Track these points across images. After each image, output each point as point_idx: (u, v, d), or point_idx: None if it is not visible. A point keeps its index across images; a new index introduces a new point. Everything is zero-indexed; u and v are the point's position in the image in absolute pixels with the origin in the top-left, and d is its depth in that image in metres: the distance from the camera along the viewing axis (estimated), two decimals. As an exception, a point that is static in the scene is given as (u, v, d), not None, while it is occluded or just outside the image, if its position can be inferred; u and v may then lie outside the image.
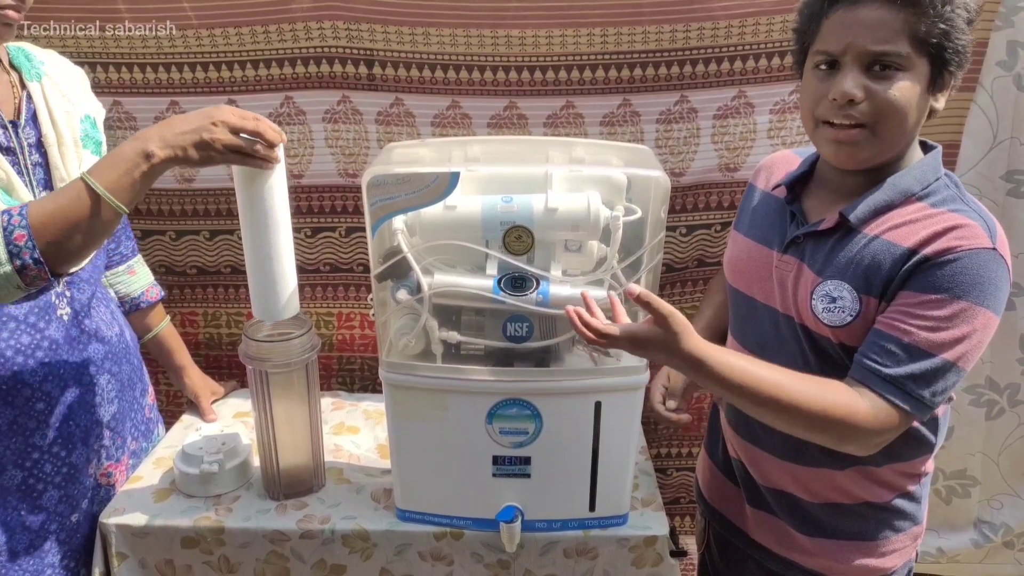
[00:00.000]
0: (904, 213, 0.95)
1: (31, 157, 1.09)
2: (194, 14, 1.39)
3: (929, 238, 0.91)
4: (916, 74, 0.91)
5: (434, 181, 1.01)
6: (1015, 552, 1.77)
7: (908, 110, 0.91)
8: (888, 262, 0.93)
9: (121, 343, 1.26)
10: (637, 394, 1.11)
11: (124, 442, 1.27)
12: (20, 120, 1.08)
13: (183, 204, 1.53)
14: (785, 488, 1.09)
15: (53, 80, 1.14)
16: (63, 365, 1.13)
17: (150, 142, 0.94)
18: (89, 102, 1.20)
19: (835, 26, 0.93)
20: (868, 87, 0.91)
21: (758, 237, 1.09)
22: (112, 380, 1.22)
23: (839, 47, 0.92)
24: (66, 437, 1.14)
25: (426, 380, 1.08)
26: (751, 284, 1.09)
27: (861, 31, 0.90)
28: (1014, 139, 1.47)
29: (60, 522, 1.15)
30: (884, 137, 0.93)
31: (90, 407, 1.17)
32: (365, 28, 1.39)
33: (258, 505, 1.21)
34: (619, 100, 1.45)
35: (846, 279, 0.95)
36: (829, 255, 0.98)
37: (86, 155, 1.14)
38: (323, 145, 1.49)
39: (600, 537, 1.16)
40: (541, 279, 1.04)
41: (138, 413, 1.32)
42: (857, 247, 0.96)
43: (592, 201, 1.04)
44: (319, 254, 1.57)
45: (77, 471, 1.16)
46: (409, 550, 1.17)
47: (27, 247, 0.91)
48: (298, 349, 1.17)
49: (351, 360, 1.66)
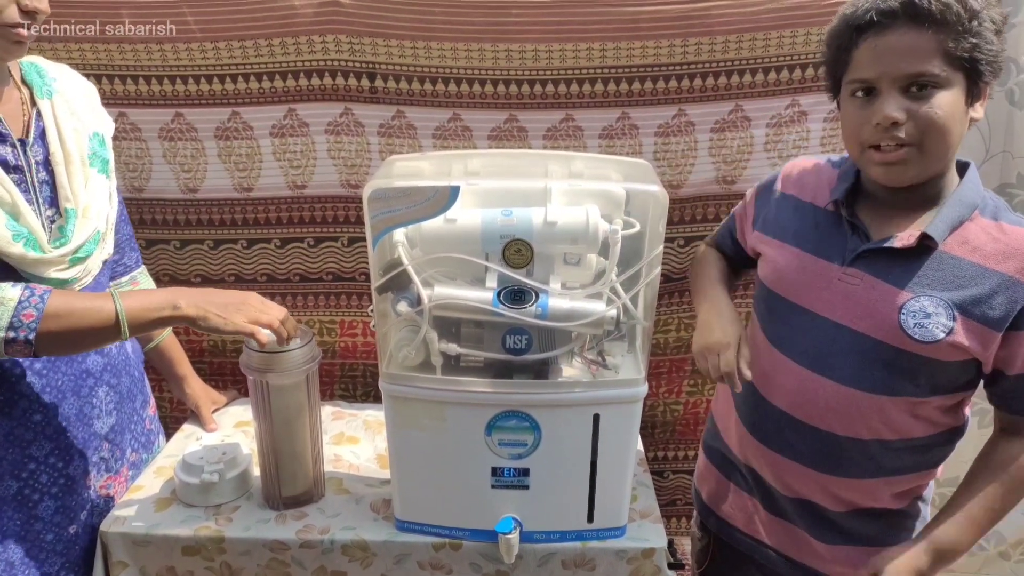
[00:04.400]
0: (977, 229, 0.98)
1: (38, 175, 1.10)
2: (198, 28, 1.40)
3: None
4: (953, 89, 0.93)
5: (434, 194, 1.02)
6: (1011, 563, 1.78)
7: (951, 125, 0.94)
8: (989, 287, 0.96)
9: (121, 355, 1.26)
10: (635, 406, 1.12)
11: (123, 454, 1.27)
12: (28, 138, 1.09)
13: (187, 214, 1.54)
14: (809, 497, 1.11)
15: (64, 97, 1.15)
16: (61, 377, 1.13)
17: (182, 297, 1.05)
18: (98, 119, 1.21)
19: (866, 55, 0.96)
20: (909, 108, 0.93)
21: (811, 249, 1.09)
22: (111, 392, 1.22)
23: (874, 74, 0.95)
24: (63, 449, 1.14)
25: (426, 392, 1.09)
26: (805, 295, 1.08)
27: (893, 58, 0.93)
28: (1006, 153, 1.49)
29: (57, 533, 1.15)
30: (931, 153, 0.96)
31: (88, 419, 1.18)
32: (367, 42, 1.41)
33: (258, 515, 1.22)
34: (618, 113, 1.47)
35: (941, 296, 0.97)
36: (914, 271, 0.99)
37: (92, 174, 1.15)
38: (325, 156, 1.51)
39: (598, 549, 1.17)
40: (540, 292, 1.06)
41: (138, 425, 1.32)
42: (948, 266, 0.98)
43: (591, 215, 1.05)
44: (322, 263, 1.58)
45: (75, 483, 1.17)
46: (408, 560, 1.18)
47: (29, 326, 0.97)
48: (299, 360, 1.18)
49: (353, 367, 1.68)
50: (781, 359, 1.10)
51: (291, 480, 1.23)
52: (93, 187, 1.15)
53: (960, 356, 0.98)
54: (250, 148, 1.50)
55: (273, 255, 1.57)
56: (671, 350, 1.65)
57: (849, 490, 1.08)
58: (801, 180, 1.15)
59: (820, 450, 1.07)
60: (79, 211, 1.12)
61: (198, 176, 1.52)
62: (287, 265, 1.58)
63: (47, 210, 1.10)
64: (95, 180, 1.15)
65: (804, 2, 1.39)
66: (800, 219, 1.12)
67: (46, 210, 1.10)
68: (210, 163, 1.51)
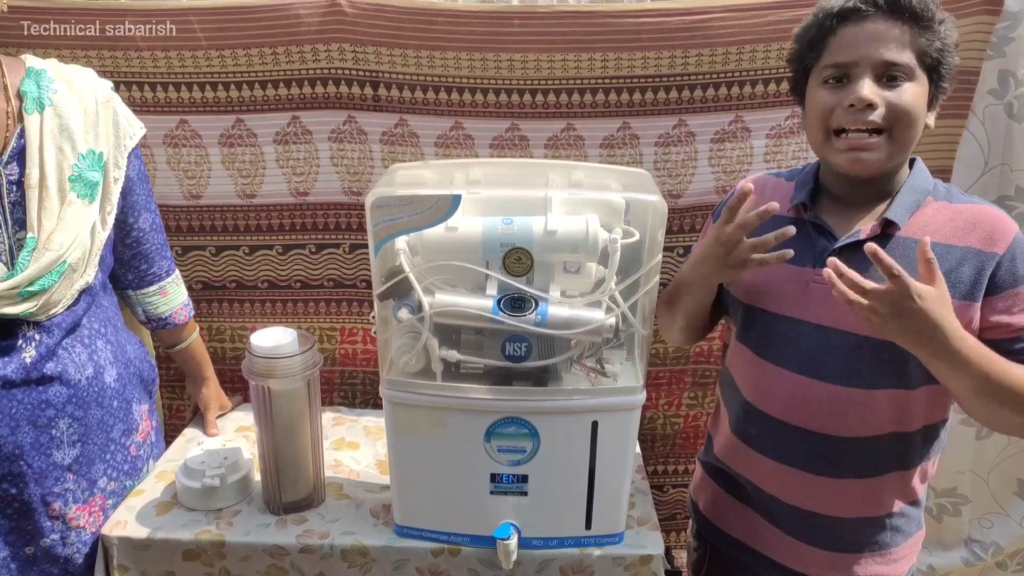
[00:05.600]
0: (932, 212, 1.03)
1: (9, 196, 1.07)
2: (204, 36, 1.42)
3: (986, 238, 0.99)
4: (920, 85, 0.99)
5: (436, 203, 1.04)
6: (1008, 573, 1.78)
7: (919, 115, 0.99)
8: (954, 262, 0.99)
9: (94, 386, 1.20)
10: (633, 414, 1.12)
11: (92, 484, 1.22)
12: (3, 156, 1.06)
13: (190, 220, 1.55)
14: (806, 503, 1.11)
15: (57, 111, 1.11)
16: (16, 406, 1.10)
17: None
18: (100, 136, 1.17)
19: (844, 40, 1.00)
20: (881, 94, 0.97)
21: None
22: (74, 424, 1.17)
23: (851, 58, 0.99)
24: (16, 476, 1.12)
25: (426, 398, 1.10)
26: (783, 303, 1.10)
27: (872, 43, 0.98)
28: (1004, 166, 1.49)
29: (12, 551, 1.15)
30: (898, 140, 0.99)
31: (45, 449, 1.14)
32: (371, 51, 1.42)
33: (258, 519, 1.23)
34: (619, 123, 1.48)
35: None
36: None
37: (72, 199, 1.11)
38: (328, 164, 1.52)
39: (596, 555, 1.17)
40: (540, 300, 1.06)
41: (116, 454, 1.27)
42: (909, 250, 1.00)
43: (591, 224, 1.06)
44: (323, 270, 1.59)
45: (30, 509, 1.14)
46: (407, 565, 1.18)
47: None
48: (300, 366, 1.19)
49: (353, 374, 1.68)
50: (771, 369, 1.11)
51: (292, 485, 1.24)
52: (69, 215, 1.11)
53: None
54: (254, 155, 1.51)
55: (275, 262, 1.59)
56: (671, 360, 1.65)
57: (846, 493, 1.09)
58: (763, 194, 1.15)
59: (817, 454, 1.08)
60: (40, 241, 1.08)
61: (201, 182, 1.53)
62: (288, 272, 1.59)
63: (17, 232, 1.07)
64: (74, 207, 1.11)
65: (804, 15, 1.40)
66: (765, 231, 1.13)
67: (16, 232, 1.07)
68: (214, 169, 1.52)
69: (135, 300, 1.37)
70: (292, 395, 1.20)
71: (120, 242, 1.29)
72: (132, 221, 1.29)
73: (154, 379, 1.40)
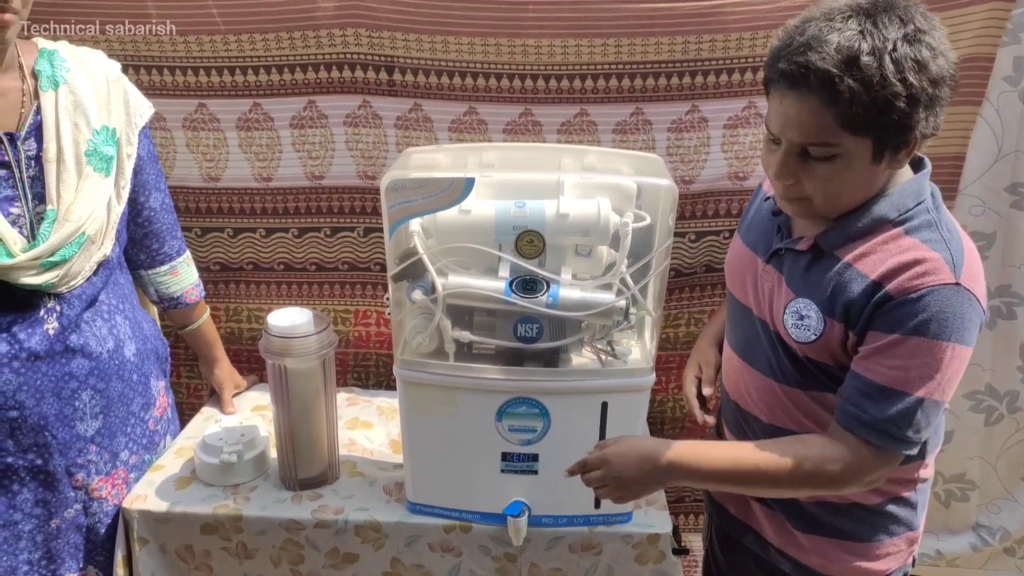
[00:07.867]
0: (877, 241, 0.96)
1: (28, 171, 1.09)
2: (222, 20, 1.43)
3: (892, 271, 0.93)
4: (851, 154, 0.91)
5: (450, 186, 1.05)
6: (1016, 559, 1.79)
7: (842, 189, 0.95)
8: (856, 291, 0.95)
9: (115, 359, 1.23)
10: (643, 395, 1.14)
11: (115, 456, 1.25)
12: (21, 132, 1.09)
13: (208, 202, 1.58)
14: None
15: (71, 88, 1.13)
16: (41, 378, 1.13)
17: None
18: (112, 112, 1.19)
19: (775, 106, 0.95)
20: (802, 169, 0.94)
21: (750, 243, 1.13)
22: (96, 396, 1.20)
23: (776, 130, 0.95)
24: (41, 447, 1.15)
25: (439, 378, 1.12)
26: (739, 287, 1.14)
27: (789, 124, 0.93)
28: (1019, 152, 1.49)
29: (36, 524, 1.17)
30: (824, 208, 0.98)
31: (69, 421, 1.17)
32: (387, 35, 1.44)
33: (275, 495, 1.26)
34: (632, 109, 1.49)
35: (814, 300, 0.99)
36: (804, 273, 1.02)
37: (89, 172, 1.14)
38: (343, 148, 1.54)
39: (604, 534, 1.20)
40: (551, 282, 1.08)
41: (136, 428, 1.30)
42: (830, 271, 0.98)
43: (602, 207, 1.07)
44: (338, 253, 1.61)
45: (55, 480, 1.17)
46: (419, 541, 1.21)
47: None
48: (316, 345, 1.21)
49: (366, 356, 1.71)
50: (727, 350, 1.16)
51: (307, 462, 1.26)
52: (87, 188, 1.13)
53: (830, 359, 1.00)
54: (270, 139, 1.53)
55: (291, 244, 1.61)
56: (681, 345, 1.66)
57: None
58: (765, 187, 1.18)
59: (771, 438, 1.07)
60: (60, 212, 1.10)
61: (220, 165, 1.55)
62: (304, 254, 1.62)
63: (37, 206, 1.10)
64: (91, 180, 1.14)
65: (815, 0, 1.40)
66: (755, 214, 1.16)
67: (36, 206, 1.10)
68: (231, 153, 1.54)
69: (147, 280, 1.39)
70: (308, 374, 1.23)
71: (132, 221, 1.32)
72: (143, 200, 1.31)
73: (167, 357, 1.44)
